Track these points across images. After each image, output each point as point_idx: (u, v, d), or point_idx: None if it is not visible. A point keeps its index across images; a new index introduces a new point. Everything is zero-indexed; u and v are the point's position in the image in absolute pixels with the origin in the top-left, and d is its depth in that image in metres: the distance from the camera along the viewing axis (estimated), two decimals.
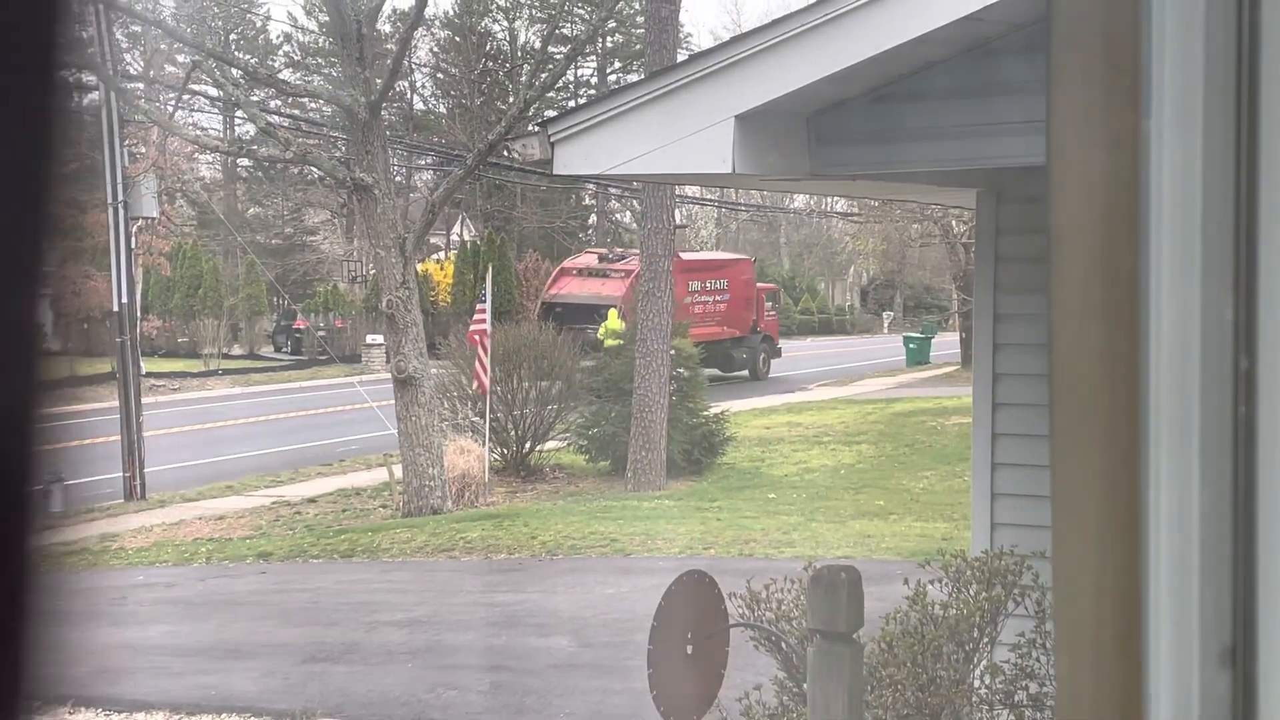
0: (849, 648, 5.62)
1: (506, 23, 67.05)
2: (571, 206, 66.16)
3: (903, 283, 67.04)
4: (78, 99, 0.90)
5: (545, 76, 22.51)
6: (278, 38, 68.33)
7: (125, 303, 24.28)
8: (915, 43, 5.83)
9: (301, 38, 66.67)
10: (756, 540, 16.65)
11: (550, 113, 30.69)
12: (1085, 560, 1.26)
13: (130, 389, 24.07)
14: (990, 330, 7.64)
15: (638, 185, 30.86)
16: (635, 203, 50.84)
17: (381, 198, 20.57)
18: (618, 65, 66.82)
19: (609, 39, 66.11)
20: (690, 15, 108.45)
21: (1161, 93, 1.22)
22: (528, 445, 24.58)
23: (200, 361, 48.59)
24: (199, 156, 52.54)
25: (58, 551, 0.90)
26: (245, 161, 58.62)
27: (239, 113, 34.35)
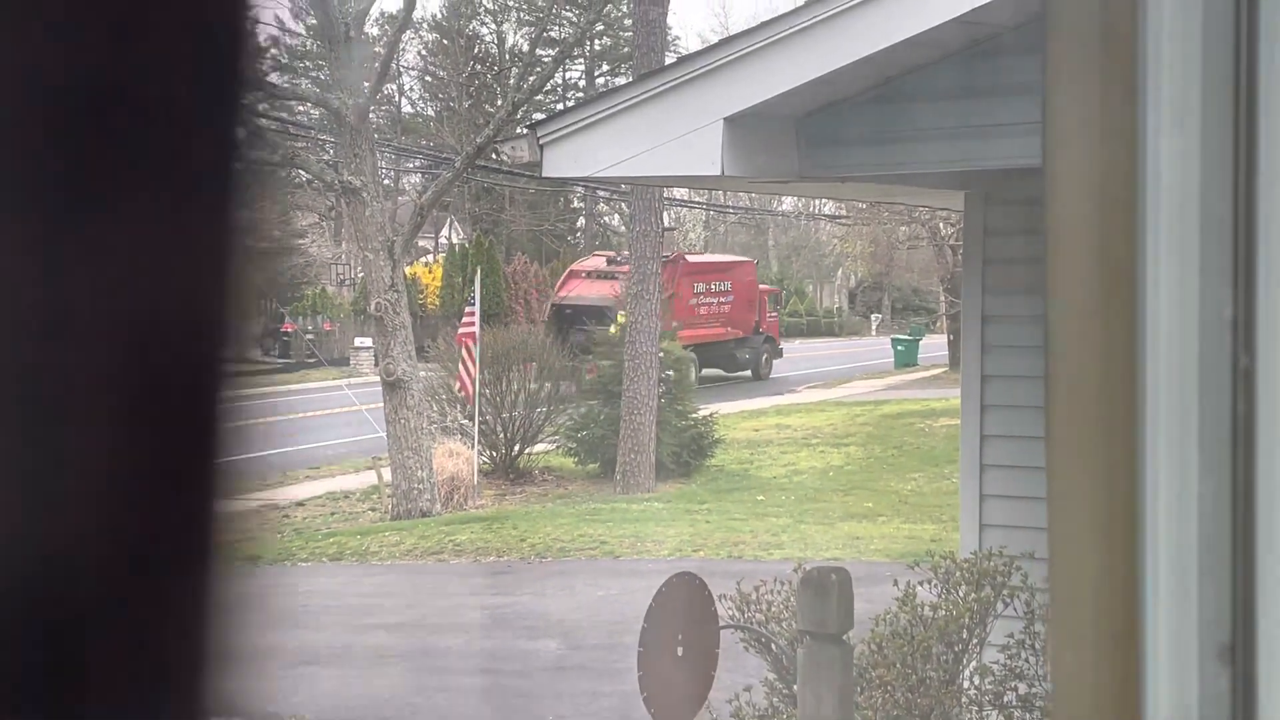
0: (839, 649, 5.62)
1: (494, 26, 67.09)
2: (560, 209, 66.09)
3: (890, 285, 67.03)
4: None
5: (533, 79, 22.55)
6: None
7: None
8: (903, 45, 5.84)
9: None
10: (745, 542, 16.66)
11: (538, 115, 30.69)
12: (1084, 558, 1.26)
13: None
14: (978, 332, 7.65)
15: (626, 188, 30.87)
16: (624, 205, 50.83)
17: (370, 201, 20.55)
18: (606, 68, 66.83)
19: (597, 42, 66.08)
20: (678, 18, 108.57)
21: (1159, 89, 1.22)
22: (517, 448, 24.55)
23: None
24: None
25: None
26: None
27: None
